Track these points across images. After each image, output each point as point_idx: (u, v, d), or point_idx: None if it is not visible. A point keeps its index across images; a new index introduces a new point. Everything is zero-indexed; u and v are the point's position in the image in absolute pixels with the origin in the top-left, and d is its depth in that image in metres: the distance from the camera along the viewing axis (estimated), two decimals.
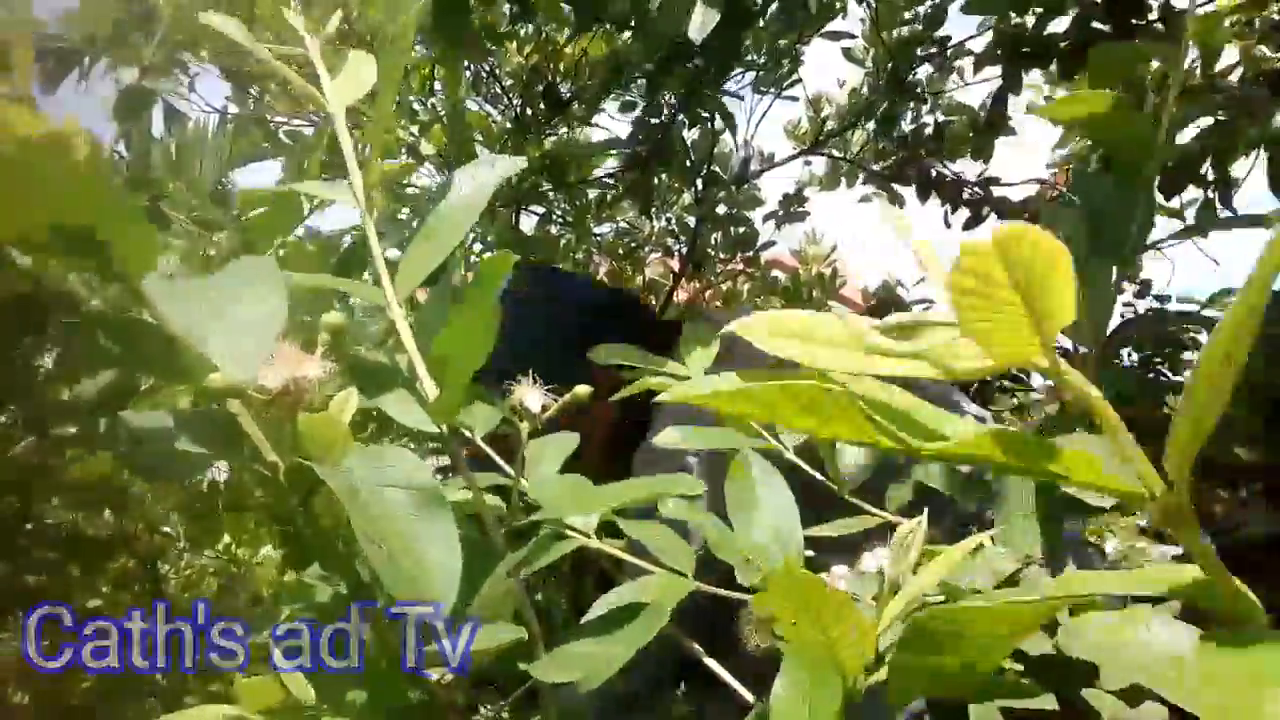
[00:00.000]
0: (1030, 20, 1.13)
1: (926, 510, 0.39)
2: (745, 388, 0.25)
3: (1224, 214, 1.02)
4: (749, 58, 1.54)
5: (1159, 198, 1.19)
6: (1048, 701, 0.44)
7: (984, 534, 0.42)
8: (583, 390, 0.56)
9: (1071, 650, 0.37)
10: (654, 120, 1.11)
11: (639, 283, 2.05)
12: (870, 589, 0.45)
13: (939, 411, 0.27)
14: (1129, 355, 1.60)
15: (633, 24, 1.12)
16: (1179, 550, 1.15)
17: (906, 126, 1.78)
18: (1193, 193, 1.23)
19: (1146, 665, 0.33)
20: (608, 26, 1.49)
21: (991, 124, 1.26)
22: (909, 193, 1.87)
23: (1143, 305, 1.70)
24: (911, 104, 1.71)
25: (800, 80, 1.81)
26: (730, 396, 0.25)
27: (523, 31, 1.81)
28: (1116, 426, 0.23)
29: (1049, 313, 0.22)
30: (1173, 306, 1.61)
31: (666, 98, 1.40)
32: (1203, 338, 1.53)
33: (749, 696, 0.52)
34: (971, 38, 1.49)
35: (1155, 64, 0.77)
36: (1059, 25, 1.08)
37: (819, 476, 0.67)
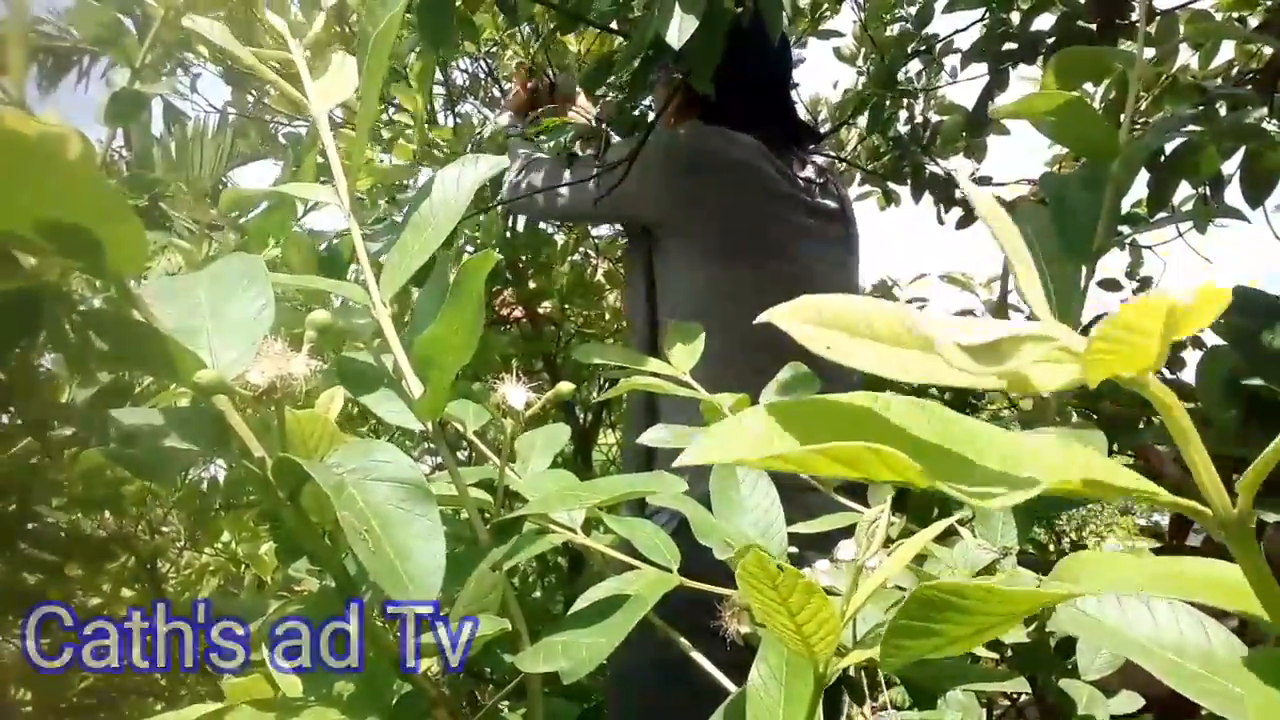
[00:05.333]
0: (1016, 17, 1.14)
1: (890, 498, 0.40)
2: (779, 452, 0.23)
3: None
4: None
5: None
6: (1020, 684, 0.45)
7: (950, 519, 0.42)
8: (565, 387, 0.57)
9: (1067, 625, 0.37)
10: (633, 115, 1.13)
11: None
12: (847, 579, 0.46)
13: (1001, 438, 0.25)
14: None
15: (613, 26, 1.14)
16: None
17: (902, 128, 1.79)
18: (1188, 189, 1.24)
19: (1149, 649, 0.34)
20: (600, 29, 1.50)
21: (978, 121, 1.27)
22: (903, 191, 1.88)
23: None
24: (904, 101, 1.72)
25: (797, 84, 1.83)
26: (760, 461, 0.24)
27: (519, 35, 1.82)
28: (1190, 438, 0.23)
29: (1174, 339, 0.21)
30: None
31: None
32: (1206, 336, 1.53)
33: (730, 685, 0.53)
34: (958, 31, 1.51)
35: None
36: (1045, 22, 1.09)
37: (803, 475, 0.67)
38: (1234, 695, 0.32)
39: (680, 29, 0.70)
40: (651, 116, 1.25)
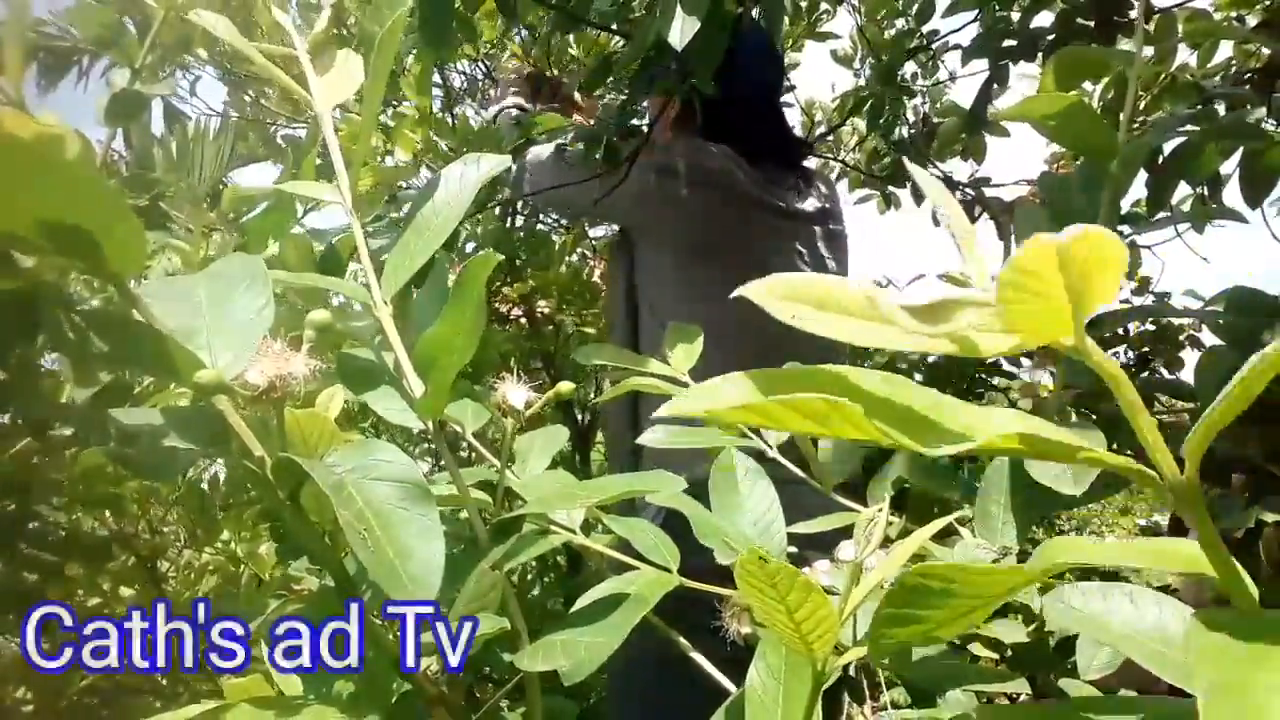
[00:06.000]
0: (1016, 15, 1.14)
1: (889, 497, 0.40)
2: (747, 403, 0.25)
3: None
4: None
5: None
6: (1021, 685, 0.45)
7: (949, 517, 0.43)
8: (566, 387, 0.57)
9: (1054, 619, 0.37)
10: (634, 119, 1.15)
11: None
12: (846, 578, 0.46)
13: (959, 406, 0.26)
14: (1125, 353, 1.61)
15: (614, 27, 1.14)
16: None
17: (906, 131, 1.79)
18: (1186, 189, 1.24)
19: (1133, 637, 0.34)
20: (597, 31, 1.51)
21: (976, 118, 1.27)
22: (901, 194, 1.88)
23: (1139, 302, 1.70)
24: (904, 101, 1.72)
25: (794, 87, 1.83)
26: (731, 412, 0.25)
27: (519, 37, 1.82)
28: (1138, 408, 0.24)
29: (1090, 299, 0.22)
30: (1177, 302, 1.61)
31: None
32: (1204, 336, 1.54)
33: (729, 685, 0.53)
34: (954, 32, 1.51)
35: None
36: (1044, 19, 1.09)
37: (801, 474, 0.68)
38: None
39: (683, 30, 0.70)
40: (647, 126, 1.27)
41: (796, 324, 0.25)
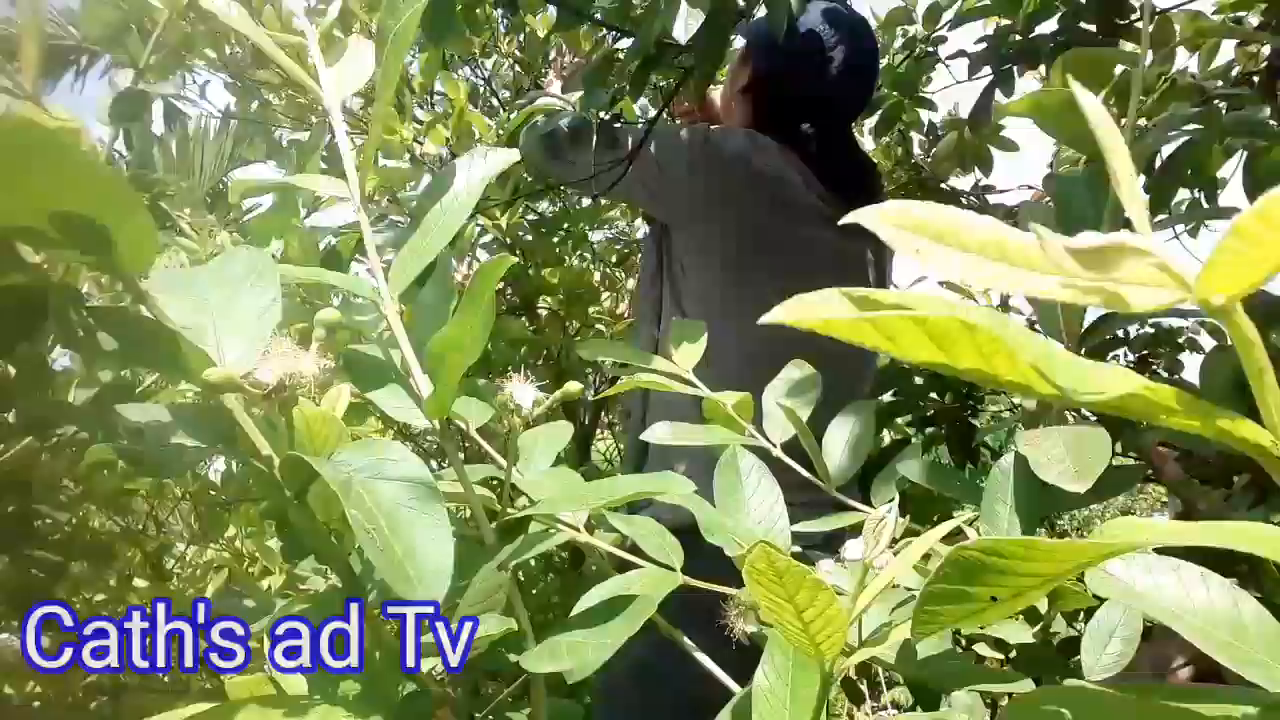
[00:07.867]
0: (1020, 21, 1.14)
1: (897, 497, 0.40)
2: (864, 317, 0.22)
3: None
4: None
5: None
6: (1025, 686, 0.46)
7: (960, 519, 0.43)
8: (573, 387, 0.57)
9: (1099, 588, 0.36)
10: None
11: (631, 286, 2.05)
12: (854, 578, 0.46)
13: (1071, 359, 0.24)
14: (1125, 356, 1.61)
15: (610, 23, 1.14)
16: None
17: (916, 150, 1.78)
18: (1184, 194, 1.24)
19: (1181, 616, 0.34)
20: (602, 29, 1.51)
21: (974, 123, 1.27)
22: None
23: None
24: (918, 112, 1.72)
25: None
26: (847, 325, 0.22)
27: (514, 41, 1.84)
28: (1269, 381, 0.22)
29: None
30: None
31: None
32: (1202, 339, 1.54)
33: (734, 686, 0.53)
34: (943, 39, 1.50)
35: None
36: (1047, 27, 1.09)
37: (805, 473, 0.68)
38: (1263, 663, 0.32)
39: (688, 24, 0.70)
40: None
41: (918, 259, 0.22)
